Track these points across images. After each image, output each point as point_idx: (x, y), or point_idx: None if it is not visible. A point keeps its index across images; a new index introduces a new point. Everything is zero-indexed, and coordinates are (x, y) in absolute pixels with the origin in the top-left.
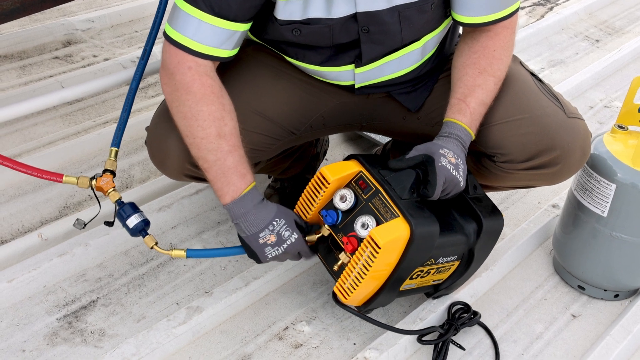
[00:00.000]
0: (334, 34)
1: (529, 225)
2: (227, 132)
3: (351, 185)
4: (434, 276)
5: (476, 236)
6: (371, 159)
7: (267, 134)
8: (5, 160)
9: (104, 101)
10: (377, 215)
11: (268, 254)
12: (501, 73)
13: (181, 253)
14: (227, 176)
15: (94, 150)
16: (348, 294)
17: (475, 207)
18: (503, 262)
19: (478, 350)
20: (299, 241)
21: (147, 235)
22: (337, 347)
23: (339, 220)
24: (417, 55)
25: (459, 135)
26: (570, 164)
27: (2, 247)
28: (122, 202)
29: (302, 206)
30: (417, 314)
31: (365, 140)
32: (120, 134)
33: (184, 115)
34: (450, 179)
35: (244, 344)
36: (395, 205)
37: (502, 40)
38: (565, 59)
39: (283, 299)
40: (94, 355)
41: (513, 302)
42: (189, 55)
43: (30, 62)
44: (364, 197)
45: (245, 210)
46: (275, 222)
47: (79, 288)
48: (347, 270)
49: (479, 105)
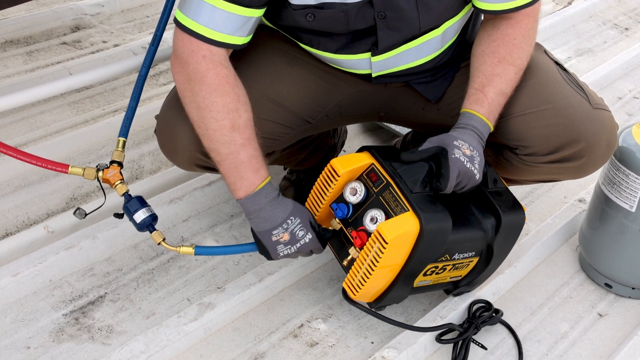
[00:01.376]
0: (349, 19)
1: (554, 220)
2: (242, 125)
3: (362, 178)
4: (451, 272)
5: (495, 231)
6: (384, 151)
7: (282, 122)
8: (9, 150)
9: (113, 89)
10: (387, 209)
11: (280, 252)
12: (521, 62)
13: (189, 250)
14: (240, 170)
15: (102, 140)
16: (357, 290)
17: (494, 201)
18: (527, 258)
19: (500, 350)
20: (313, 241)
21: (155, 230)
22: (354, 346)
23: (349, 214)
24: (437, 43)
25: (475, 127)
26: (595, 156)
27: (7, 239)
28: (130, 196)
29: (312, 200)
30: (438, 312)
31: (384, 131)
32: (129, 123)
33: (197, 106)
34: (465, 171)
35: (257, 342)
36: (406, 199)
37: (524, 28)
38: (593, 48)
39: (298, 296)
40: (102, 352)
41: (537, 300)
42: (203, 43)
43: (37, 47)
44: (375, 190)
45: (259, 206)
46: (290, 220)
47: (86, 283)
48: (356, 265)
49: (498, 95)
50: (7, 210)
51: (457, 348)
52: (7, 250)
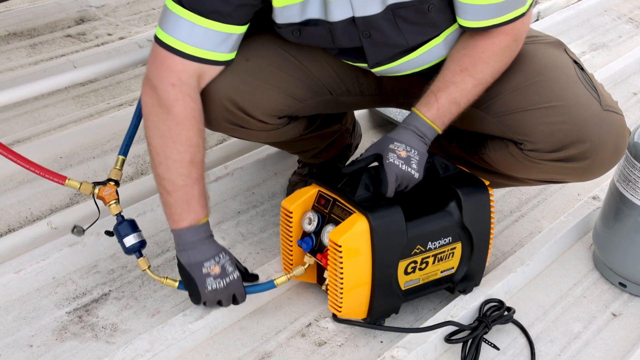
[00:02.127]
0: (334, 37)
1: (567, 218)
2: (199, 161)
3: (315, 207)
4: (438, 265)
5: (459, 210)
6: (330, 174)
7: (307, 83)
8: (10, 153)
9: (118, 82)
10: (339, 220)
11: (208, 285)
12: (483, 76)
13: (173, 284)
14: (190, 204)
15: (107, 135)
16: (339, 306)
17: (449, 182)
18: (540, 256)
19: (512, 350)
20: (239, 281)
21: (142, 257)
22: (363, 345)
23: (314, 243)
24: (440, 49)
25: (417, 127)
26: (600, 159)
27: (9, 235)
28: (122, 217)
29: (284, 248)
30: (448, 311)
31: (394, 126)
32: (130, 141)
33: (162, 134)
34: (402, 174)
35: (264, 341)
36: (350, 204)
37: (497, 44)
38: (608, 43)
39: (306, 294)
40: (106, 351)
41: (550, 299)
42: (176, 64)
43: (41, 40)
44: (326, 211)
45: (198, 238)
46: (221, 255)
47: (90, 280)
48: (329, 283)
49: (450, 103)
50: (10, 206)
51: (467, 347)
52: (10, 247)
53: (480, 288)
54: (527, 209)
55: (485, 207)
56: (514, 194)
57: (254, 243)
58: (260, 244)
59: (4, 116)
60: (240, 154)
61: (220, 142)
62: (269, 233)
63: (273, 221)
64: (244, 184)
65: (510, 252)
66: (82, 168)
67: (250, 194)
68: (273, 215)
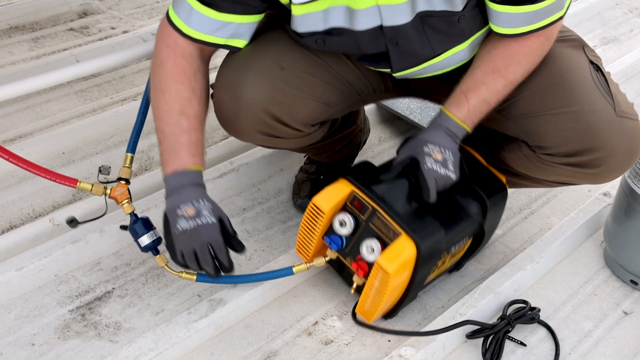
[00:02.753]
0: (360, 45)
1: (578, 214)
2: (191, 114)
3: (348, 208)
4: (451, 260)
5: (483, 215)
6: (362, 172)
7: (339, 87)
8: (19, 161)
9: (122, 77)
10: (381, 235)
11: (179, 226)
12: (515, 77)
13: (191, 277)
14: (176, 150)
15: (111, 130)
16: (371, 316)
17: (475, 187)
18: (550, 254)
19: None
20: (215, 228)
21: (159, 254)
22: (371, 344)
23: (344, 244)
24: (465, 53)
25: (448, 128)
26: (613, 166)
27: (11, 232)
28: (136, 216)
29: (302, 240)
30: (457, 309)
31: (402, 122)
32: (137, 138)
33: (155, 88)
34: (441, 178)
35: (270, 339)
36: (396, 223)
37: (530, 45)
38: (619, 36)
39: (313, 292)
40: (109, 350)
41: (560, 297)
42: (176, 34)
43: (44, 34)
44: (363, 217)
45: (181, 184)
46: (202, 200)
47: (93, 278)
48: (364, 294)
49: (480, 103)
50: (12, 202)
51: (487, 343)
52: (12, 244)
53: (490, 286)
54: (536, 206)
55: (502, 209)
56: (524, 191)
57: (260, 240)
58: (266, 241)
59: (6, 111)
60: (246, 149)
61: (225, 138)
62: (275, 230)
63: (279, 218)
64: (249, 180)
65: (519, 249)
66: (85, 164)
67: (256, 190)
68: (279, 212)
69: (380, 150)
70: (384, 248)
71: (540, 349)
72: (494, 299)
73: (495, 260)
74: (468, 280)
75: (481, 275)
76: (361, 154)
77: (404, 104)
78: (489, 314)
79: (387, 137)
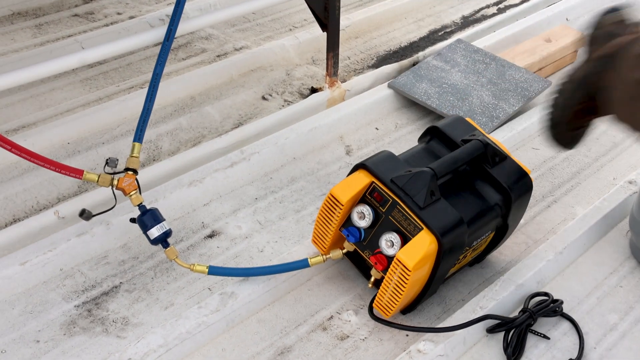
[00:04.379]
0: None
1: (602, 203)
2: None
3: (367, 199)
4: (472, 254)
5: (507, 209)
6: (381, 163)
7: None
8: (22, 152)
9: (128, 64)
10: (401, 229)
11: None
12: None
13: (203, 269)
14: None
15: (117, 119)
16: (388, 311)
17: (500, 180)
18: (574, 244)
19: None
20: None
21: (169, 246)
22: (388, 339)
23: (362, 237)
24: None
25: None
26: None
27: (14, 226)
28: (145, 207)
29: (318, 232)
30: (477, 302)
31: (419, 107)
32: (144, 126)
33: None
34: None
35: (283, 334)
36: (417, 216)
37: None
38: None
39: (328, 285)
40: (116, 346)
41: (584, 289)
42: None
43: (47, 20)
44: (382, 210)
45: None
46: None
47: (99, 272)
48: (382, 289)
49: None
50: (15, 194)
51: (508, 337)
52: (15, 237)
53: (511, 278)
54: (560, 194)
55: (526, 202)
56: (547, 178)
57: (273, 231)
58: (279, 232)
59: (9, 100)
60: (257, 138)
61: (236, 127)
62: (288, 220)
63: (292, 207)
64: (261, 169)
65: (542, 240)
66: (90, 154)
67: (268, 179)
68: (292, 201)
69: (397, 137)
70: (404, 242)
71: (563, 342)
72: (516, 292)
73: (517, 251)
74: (489, 272)
75: (502, 266)
76: (376, 140)
77: (421, 89)
78: (511, 307)
79: (404, 124)
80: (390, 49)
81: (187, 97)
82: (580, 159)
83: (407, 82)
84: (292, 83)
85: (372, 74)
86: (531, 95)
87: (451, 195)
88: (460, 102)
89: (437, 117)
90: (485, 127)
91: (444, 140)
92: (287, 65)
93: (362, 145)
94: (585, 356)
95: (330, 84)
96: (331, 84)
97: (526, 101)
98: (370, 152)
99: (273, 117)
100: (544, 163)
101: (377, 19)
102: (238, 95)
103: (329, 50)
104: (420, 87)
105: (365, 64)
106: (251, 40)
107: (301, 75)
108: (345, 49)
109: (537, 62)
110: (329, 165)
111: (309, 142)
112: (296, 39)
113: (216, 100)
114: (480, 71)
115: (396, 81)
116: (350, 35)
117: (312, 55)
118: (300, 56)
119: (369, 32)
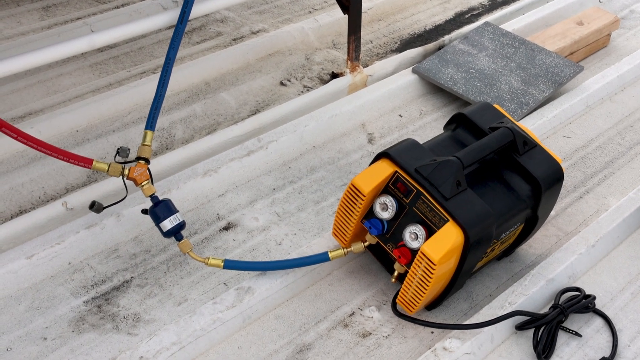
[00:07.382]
0: None
1: (637, 194)
2: None
3: (390, 190)
4: (501, 247)
5: (536, 200)
6: (405, 152)
7: None
8: (30, 140)
9: (140, 48)
10: (425, 221)
11: None
12: None
13: (218, 263)
14: None
15: (128, 106)
16: (412, 307)
17: (530, 169)
18: (607, 237)
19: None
20: None
21: (183, 239)
22: (412, 336)
23: (384, 229)
24: None
25: None
26: None
27: (21, 217)
28: (157, 198)
29: (339, 223)
30: (506, 297)
31: (444, 93)
32: (157, 113)
33: None
34: None
35: (302, 331)
36: (442, 208)
37: None
38: None
39: (349, 280)
40: (128, 343)
41: (618, 284)
42: None
43: (55, 1)
44: (406, 201)
45: None
46: None
47: (110, 266)
48: (406, 284)
49: None
50: (21, 184)
51: (539, 334)
52: (21, 230)
53: (542, 272)
54: (592, 184)
55: (557, 193)
56: (579, 167)
57: (291, 223)
58: (297, 224)
59: (15, 86)
60: (275, 125)
61: (252, 114)
62: (307, 212)
63: (312, 198)
64: (279, 158)
65: (574, 232)
66: (100, 142)
67: (287, 168)
68: (312, 191)
69: (421, 124)
70: (429, 234)
71: (596, 340)
72: (546, 287)
73: (547, 244)
74: (518, 266)
75: (532, 260)
76: (400, 128)
77: (447, 75)
78: (541, 303)
79: (429, 110)
80: (414, 32)
81: (202, 83)
82: (614, 147)
83: (432, 67)
84: (312, 68)
85: (396, 59)
86: (562, 81)
87: (478, 185)
88: (488, 88)
89: (464, 103)
90: (514, 114)
91: (471, 128)
92: (307, 50)
93: (385, 133)
94: (619, 354)
95: (351, 68)
96: (353, 68)
97: (557, 87)
98: (393, 140)
99: (292, 103)
100: (576, 152)
101: (401, 1)
102: (255, 81)
103: (350, 33)
104: (446, 72)
105: (388, 48)
106: (269, 23)
107: (321, 60)
108: (367, 32)
109: (569, 46)
110: (350, 154)
111: (329, 129)
112: (316, 21)
113: (232, 86)
114: (509, 55)
115: (421, 66)
116: (372, 18)
117: (333, 38)
118: (320, 40)
119: (393, 14)
